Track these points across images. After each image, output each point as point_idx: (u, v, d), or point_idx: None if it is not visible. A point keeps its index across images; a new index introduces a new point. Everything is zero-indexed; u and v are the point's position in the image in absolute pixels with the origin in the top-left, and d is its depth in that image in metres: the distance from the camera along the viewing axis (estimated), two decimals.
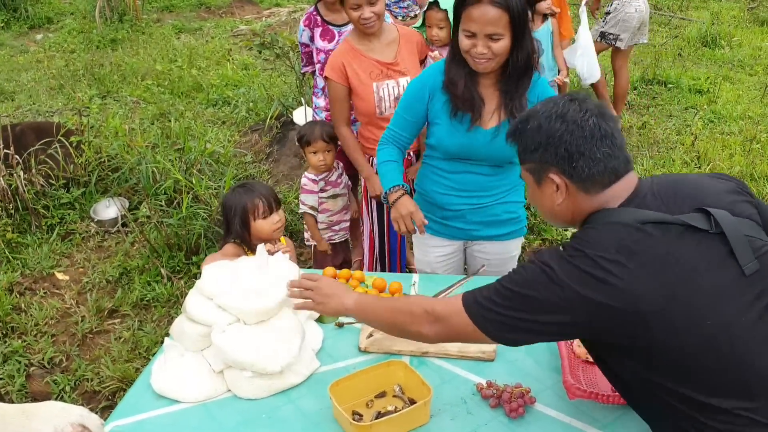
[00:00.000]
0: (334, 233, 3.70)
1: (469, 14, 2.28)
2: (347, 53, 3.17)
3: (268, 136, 5.88)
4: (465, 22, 2.31)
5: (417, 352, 2.24)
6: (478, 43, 2.30)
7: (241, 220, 2.76)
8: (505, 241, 2.80)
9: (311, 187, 3.54)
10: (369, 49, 3.16)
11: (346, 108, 3.26)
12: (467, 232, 2.76)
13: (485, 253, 2.82)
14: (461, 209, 2.69)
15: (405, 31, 3.30)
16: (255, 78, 7.48)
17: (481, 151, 2.53)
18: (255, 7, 11.04)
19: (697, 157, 5.60)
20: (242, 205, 2.75)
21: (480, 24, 2.27)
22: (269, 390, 2.09)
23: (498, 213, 2.72)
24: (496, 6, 2.24)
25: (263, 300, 2.14)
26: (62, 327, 3.85)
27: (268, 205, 2.77)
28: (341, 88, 3.18)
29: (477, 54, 2.32)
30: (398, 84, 3.16)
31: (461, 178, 2.63)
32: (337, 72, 3.15)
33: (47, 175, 4.80)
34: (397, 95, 3.15)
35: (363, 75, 3.14)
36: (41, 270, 4.32)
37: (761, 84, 7.46)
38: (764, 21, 10.31)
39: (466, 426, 1.95)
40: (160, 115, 6.37)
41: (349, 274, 2.68)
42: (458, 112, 2.46)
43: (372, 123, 3.24)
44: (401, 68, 3.18)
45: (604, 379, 2.06)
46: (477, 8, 2.26)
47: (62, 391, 3.37)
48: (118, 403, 2.17)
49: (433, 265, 2.84)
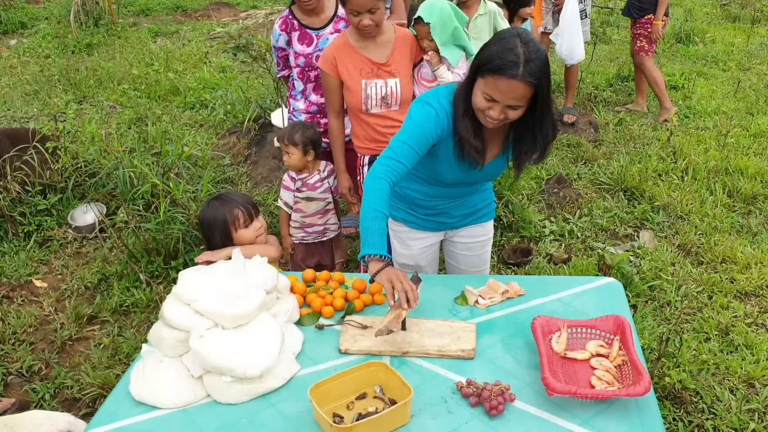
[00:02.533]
0: (307, 234, 3.74)
1: (497, 84, 2.15)
2: (341, 48, 3.26)
3: (246, 139, 5.87)
4: (489, 87, 2.18)
5: (397, 353, 2.24)
6: (496, 108, 2.21)
7: (222, 233, 2.77)
8: (480, 224, 2.88)
9: (288, 184, 3.63)
10: (363, 47, 3.25)
11: (337, 99, 3.37)
12: (448, 225, 2.83)
13: (463, 236, 2.88)
14: (445, 208, 2.75)
15: (401, 32, 3.34)
16: (232, 80, 7.45)
17: (476, 180, 2.61)
18: (232, 9, 11.00)
19: (673, 153, 5.66)
20: (221, 219, 2.75)
21: (506, 96, 2.17)
22: (249, 394, 2.08)
23: (476, 203, 2.81)
24: (528, 84, 2.14)
25: (241, 304, 2.14)
26: (41, 334, 3.81)
27: (247, 213, 2.77)
28: (332, 80, 3.29)
29: (492, 117, 2.24)
30: (386, 84, 3.26)
31: (447, 191, 2.67)
32: (329, 65, 3.26)
33: (23, 181, 4.75)
34: (383, 95, 3.25)
35: (353, 71, 3.23)
36: (19, 277, 4.27)
37: (734, 79, 7.55)
38: (736, 17, 10.44)
39: (446, 425, 1.96)
40: (137, 119, 6.33)
41: (329, 276, 2.68)
42: (466, 157, 2.42)
43: (357, 117, 3.35)
44: (392, 69, 3.26)
45: (582, 376, 2.09)
46: (508, 82, 2.13)
47: (42, 400, 3.34)
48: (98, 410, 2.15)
49: (417, 257, 2.87)
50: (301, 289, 2.57)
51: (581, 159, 5.72)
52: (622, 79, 7.62)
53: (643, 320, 3.65)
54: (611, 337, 2.22)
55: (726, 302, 3.86)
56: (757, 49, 8.87)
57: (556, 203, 5.03)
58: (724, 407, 3.10)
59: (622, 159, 5.55)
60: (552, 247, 4.47)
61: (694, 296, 3.93)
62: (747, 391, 3.23)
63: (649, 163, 5.47)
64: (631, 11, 6.27)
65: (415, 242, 2.84)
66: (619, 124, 6.40)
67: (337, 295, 2.54)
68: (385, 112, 3.32)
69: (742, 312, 3.77)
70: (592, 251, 4.38)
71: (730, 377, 3.30)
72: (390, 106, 3.31)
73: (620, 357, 2.14)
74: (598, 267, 4.10)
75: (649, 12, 6.14)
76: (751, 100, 6.97)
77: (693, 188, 5.12)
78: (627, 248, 4.43)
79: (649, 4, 6.12)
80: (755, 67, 8.10)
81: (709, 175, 5.30)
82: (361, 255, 2.28)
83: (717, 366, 3.35)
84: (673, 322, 3.68)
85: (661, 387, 3.16)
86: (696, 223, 4.67)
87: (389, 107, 3.31)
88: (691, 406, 3.13)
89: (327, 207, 3.69)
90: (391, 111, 3.32)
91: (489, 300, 2.49)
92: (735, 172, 5.31)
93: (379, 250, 2.25)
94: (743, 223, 4.71)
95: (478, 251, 2.92)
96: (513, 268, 4.26)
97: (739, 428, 3.01)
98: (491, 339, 2.31)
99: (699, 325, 3.68)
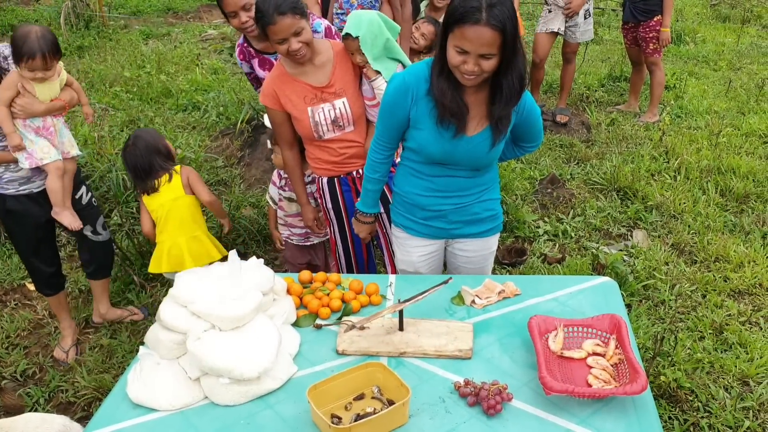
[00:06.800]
0: (291, 234, 3.71)
1: (464, 33, 2.21)
2: (278, 79, 3.06)
3: (239, 140, 5.86)
4: (458, 39, 2.24)
5: (395, 353, 2.24)
6: (469, 60, 2.26)
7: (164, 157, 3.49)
8: (484, 238, 2.83)
9: (275, 179, 3.62)
10: (301, 73, 3.03)
11: (286, 131, 3.16)
12: (448, 231, 2.78)
13: (465, 250, 2.84)
14: (443, 209, 2.70)
15: (339, 47, 3.11)
16: (225, 82, 7.44)
17: (464, 156, 2.55)
18: None
19: (665, 152, 5.68)
20: (154, 145, 3.47)
21: (474, 44, 2.22)
22: (247, 396, 2.08)
23: (478, 211, 2.74)
24: (493, 28, 2.18)
25: (238, 306, 2.13)
26: (35, 338, 3.80)
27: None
28: (278, 113, 3.09)
29: (467, 71, 2.29)
30: (334, 107, 3.04)
31: (442, 181, 2.64)
32: (271, 99, 3.06)
33: None
34: (333, 118, 3.05)
35: (297, 100, 3.03)
36: (12, 281, 4.25)
37: (725, 79, 7.60)
38: (726, 17, 10.51)
39: (444, 425, 1.96)
40: (130, 121, 6.32)
41: (326, 277, 2.68)
42: (444, 120, 2.45)
43: (313, 145, 3.17)
44: (336, 90, 3.04)
45: (579, 375, 2.10)
46: (473, 28, 2.19)
47: (36, 404, 3.33)
48: (94, 413, 2.14)
49: (416, 264, 2.85)
50: (298, 290, 2.57)
51: (574, 159, 5.74)
52: (614, 79, 7.66)
53: (637, 319, 3.67)
54: (607, 336, 2.22)
55: (720, 301, 3.88)
56: (747, 48, 8.93)
57: (549, 203, 5.04)
58: (719, 405, 3.11)
59: (615, 159, 5.57)
60: (546, 247, 4.49)
61: (688, 295, 3.95)
62: (741, 389, 3.24)
63: (641, 162, 5.50)
64: (635, 14, 6.24)
65: (416, 249, 2.82)
66: (611, 124, 6.43)
67: (334, 296, 2.54)
68: (340, 135, 3.11)
69: (736, 310, 3.79)
70: (586, 251, 4.40)
71: (724, 375, 3.31)
72: (343, 128, 3.10)
73: (617, 356, 2.15)
74: (592, 267, 4.12)
75: (656, 13, 6.14)
76: (742, 99, 7.01)
77: (686, 188, 5.14)
78: (621, 248, 4.45)
79: (656, 6, 6.13)
80: (746, 67, 8.16)
81: (702, 175, 5.33)
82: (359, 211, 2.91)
83: (711, 364, 3.37)
84: (668, 321, 3.69)
85: (656, 386, 3.17)
86: (689, 223, 4.70)
87: (342, 129, 3.10)
88: (687, 405, 3.14)
89: None
90: (346, 133, 3.11)
91: (485, 300, 2.49)
92: (727, 171, 5.35)
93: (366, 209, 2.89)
94: (736, 222, 4.73)
95: (480, 264, 2.89)
96: (507, 268, 4.27)
97: (734, 426, 3.02)
98: (488, 339, 2.32)
99: (693, 323, 3.69)
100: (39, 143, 3.14)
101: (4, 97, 3.02)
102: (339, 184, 3.23)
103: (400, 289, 2.61)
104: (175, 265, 3.47)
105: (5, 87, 3.03)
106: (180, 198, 3.49)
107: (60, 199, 3.24)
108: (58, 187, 3.21)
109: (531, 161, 5.68)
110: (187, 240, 3.50)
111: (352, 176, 3.23)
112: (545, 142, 6.06)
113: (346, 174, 3.21)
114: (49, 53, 3.00)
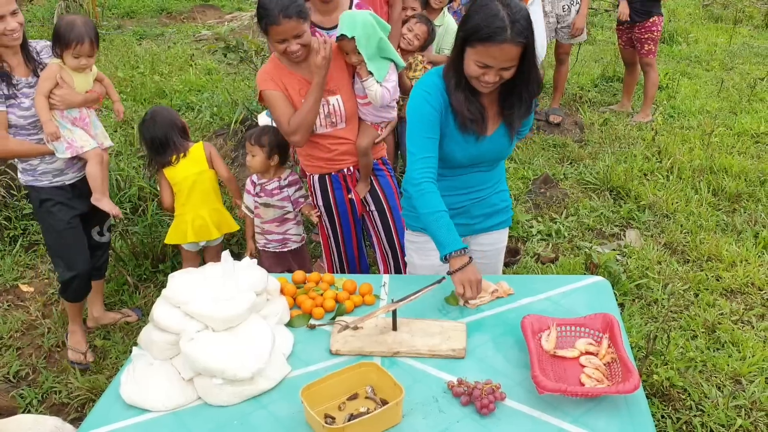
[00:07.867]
0: (268, 242, 3.64)
1: (489, 51, 2.22)
2: (276, 69, 3.05)
3: (233, 141, 5.85)
4: (481, 55, 2.24)
5: (388, 353, 2.25)
6: (490, 72, 2.28)
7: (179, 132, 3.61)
8: (497, 231, 2.85)
9: (249, 188, 3.58)
10: (297, 68, 3.06)
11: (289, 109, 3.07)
12: (470, 227, 2.76)
13: (481, 245, 2.84)
14: (464, 205, 2.69)
15: (334, 47, 3.08)
16: (218, 83, 7.43)
17: (488, 154, 2.57)
18: (217, 11, 10.97)
19: (658, 152, 5.70)
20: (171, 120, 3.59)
21: (498, 60, 2.24)
22: (240, 396, 2.08)
23: (496, 202, 2.77)
24: (518, 45, 2.20)
25: (231, 306, 2.13)
26: (28, 339, 3.79)
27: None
28: (279, 93, 3.04)
29: (487, 81, 2.30)
30: (328, 103, 3.07)
31: (464, 179, 2.64)
32: (271, 83, 3.03)
33: (8, 185, 4.71)
34: (327, 113, 3.08)
35: (293, 92, 3.05)
36: (5, 282, 4.24)
37: (717, 79, 7.63)
38: (718, 18, 10.55)
39: (438, 424, 1.97)
40: (123, 122, 6.30)
41: (319, 277, 2.68)
42: (467, 128, 2.45)
43: None
44: (331, 87, 3.07)
45: (572, 374, 2.10)
46: (499, 47, 2.20)
47: (29, 405, 3.32)
48: (88, 414, 2.14)
49: (437, 267, 2.73)
50: (291, 290, 2.57)
51: (567, 159, 5.76)
52: (606, 79, 7.68)
53: (630, 318, 3.68)
54: (600, 335, 2.23)
55: (712, 300, 3.89)
56: (739, 48, 8.96)
57: (542, 203, 5.05)
58: (711, 404, 3.13)
59: (608, 159, 5.59)
60: (539, 247, 4.50)
61: (681, 294, 3.96)
62: (734, 387, 3.26)
63: (634, 162, 5.52)
64: (631, 15, 6.24)
65: (436, 252, 2.65)
66: (604, 124, 6.44)
67: (328, 296, 2.54)
68: (332, 131, 3.15)
69: (728, 309, 3.81)
70: (579, 250, 4.41)
71: (717, 374, 3.33)
72: (336, 125, 3.14)
73: (609, 355, 2.16)
74: (585, 266, 4.13)
75: (654, 14, 6.16)
76: (734, 99, 7.04)
77: (678, 187, 5.16)
78: (614, 247, 4.46)
79: (653, 7, 6.15)
80: (738, 67, 8.19)
81: (694, 174, 5.35)
82: (441, 256, 2.39)
83: (704, 363, 3.38)
84: (661, 320, 3.70)
85: (649, 384, 3.18)
86: (681, 222, 4.71)
87: (335, 126, 3.14)
88: (679, 403, 3.15)
89: (285, 216, 3.56)
90: (338, 129, 3.16)
91: (479, 299, 2.50)
92: (719, 170, 5.37)
93: (454, 246, 2.37)
94: (728, 222, 4.75)
95: (494, 259, 2.89)
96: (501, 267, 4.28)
97: (727, 424, 3.04)
98: (481, 338, 2.32)
99: (686, 322, 3.71)
100: (77, 132, 3.22)
101: (44, 88, 3.07)
102: (330, 182, 3.26)
103: (394, 289, 2.61)
104: (202, 234, 3.69)
105: (44, 78, 3.09)
106: (205, 171, 3.67)
107: (100, 185, 3.30)
108: (99, 173, 3.29)
109: (524, 161, 5.70)
110: (209, 212, 3.69)
111: (343, 174, 3.26)
112: (538, 142, 6.07)
113: (337, 171, 3.23)
114: (95, 39, 3.13)
